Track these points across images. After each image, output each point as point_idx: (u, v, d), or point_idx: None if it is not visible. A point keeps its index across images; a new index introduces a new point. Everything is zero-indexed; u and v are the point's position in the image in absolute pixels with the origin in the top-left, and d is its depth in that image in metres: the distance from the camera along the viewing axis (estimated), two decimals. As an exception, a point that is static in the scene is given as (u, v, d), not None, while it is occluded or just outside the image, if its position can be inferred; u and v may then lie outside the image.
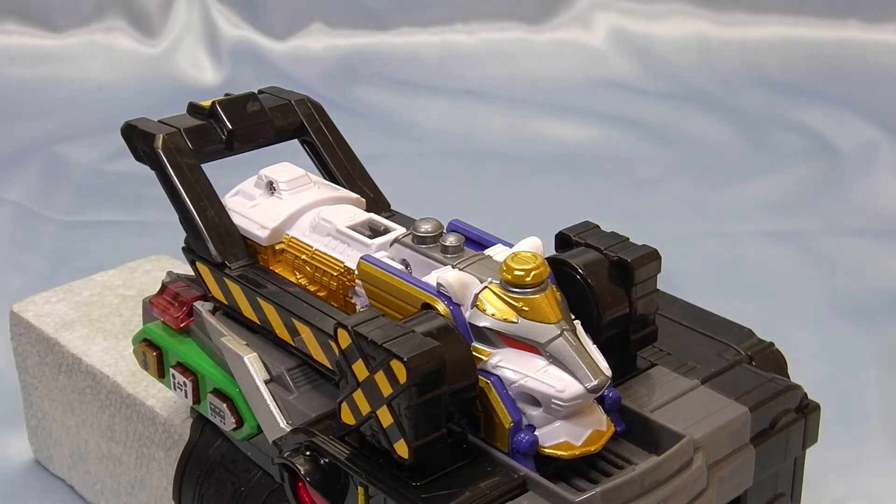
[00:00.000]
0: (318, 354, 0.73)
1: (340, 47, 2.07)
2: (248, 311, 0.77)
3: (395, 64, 2.05)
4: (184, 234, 0.81)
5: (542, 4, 2.11)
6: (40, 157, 1.71)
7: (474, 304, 0.66)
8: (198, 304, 0.81)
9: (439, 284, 0.67)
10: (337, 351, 0.65)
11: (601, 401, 0.68)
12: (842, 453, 1.08)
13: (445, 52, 2.08)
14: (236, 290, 0.78)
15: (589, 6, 2.12)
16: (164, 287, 0.83)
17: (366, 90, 1.97)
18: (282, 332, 0.75)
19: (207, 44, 2.06)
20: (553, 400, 0.64)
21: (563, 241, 0.74)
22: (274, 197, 0.81)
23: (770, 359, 0.77)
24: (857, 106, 1.87)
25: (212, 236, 0.79)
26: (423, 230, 0.73)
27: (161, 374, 0.83)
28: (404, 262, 0.73)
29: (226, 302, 0.79)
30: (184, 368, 0.80)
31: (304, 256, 0.78)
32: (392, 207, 0.86)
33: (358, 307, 0.74)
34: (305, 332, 0.73)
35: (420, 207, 0.87)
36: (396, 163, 1.67)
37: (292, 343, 0.75)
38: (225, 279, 0.78)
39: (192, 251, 0.81)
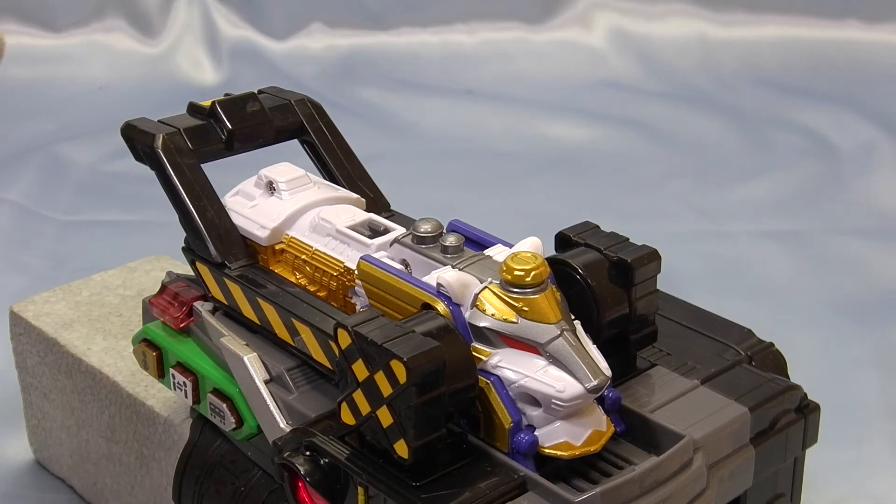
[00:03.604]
0: (318, 354, 0.73)
1: (340, 47, 2.07)
2: (247, 312, 0.77)
3: (395, 64, 2.05)
4: (184, 234, 0.81)
5: (542, 4, 2.11)
6: (40, 157, 1.71)
7: (474, 305, 0.66)
8: (197, 304, 0.81)
9: (439, 284, 0.67)
10: (337, 351, 0.65)
11: (601, 401, 0.68)
12: (842, 453, 1.08)
13: (445, 52, 2.07)
14: (236, 290, 0.78)
15: (589, 6, 2.11)
16: (163, 287, 0.83)
17: (366, 90, 1.97)
18: (282, 332, 0.75)
19: (207, 44, 2.06)
20: (553, 400, 0.64)
21: (563, 241, 0.74)
22: (274, 197, 0.81)
23: (770, 359, 0.77)
24: (857, 106, 1.87)
25: (212, 236, 0.79)
26: (422, 230, 0.73)
27: (161, 374, 0.83)
28: (404, 263, 0.73)
29: (226, 302, 0.79)
30: (183, 368, 0.80)
31: (303, 256, 0.78)
32: (392, 207, 0.86)
33: (358, 307, 0.74)
34: (305, 332, 0.73)
35: (420, 207, 0.87)
36: (396, 163, 1.67)
37: (292, 343, 0.75)
38: (225, 279, 0.78)
39: (192, 251, 0.81)
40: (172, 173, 0.80)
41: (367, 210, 0.81)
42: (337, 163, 0.87)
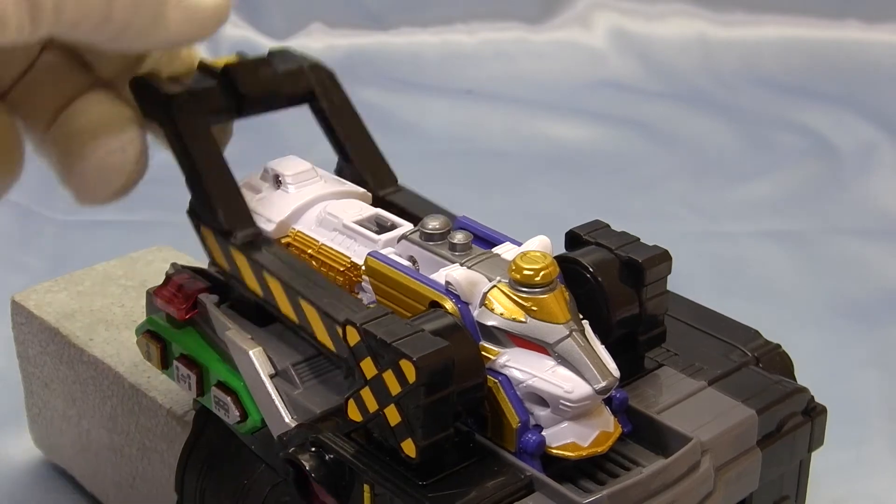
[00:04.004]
0: (322, 335, 0.71)
1: (340, 47, 2.07)
2: (252, 283, 0.76)
3: (395, 64, 2.04)
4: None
5: (542, 4, 2.11)
6: (40, 156, 1.70)
7: (483, 303, 0.66)
8: (202, 297, 0.80)
9: (448, 283, 0.67)
10: (346, 347, 0.65)
11: (608, 401, 0.68)
12: (842, 453, 1.08)
13: (445, 52, 2.07)
14: (241, 260, 0.76)
15: (589, 6, 2.11)
16: (168, 278, 0.82)
17: (366, 90, 1.96)
18: (285, 307, 0.74)
19: (207, 44, 2.05)
20: (561, 400, 0.64)
21: (574, 239, 0.74)
22: (280, 190, 0.80)
23: (777, 360, 0.77)
24: (857, 106, 1.87)
25: (220, 199, 0.76)
26: (431, 227, 0.72)
27: (164, 366, 0.82)
28: (412, 259, 0.73)
29: (228, 269, 0.77)
30: (188, 360, 0.79)
31: (310, 251, 0.77)
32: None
33: (364, 302, 0.74)
34: (310, 311, 0.72)
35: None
36: (396, 163, 1.65)
37: (295, 319, 0.74)
38: (231, 248, 0.76)
39: (198, 215, 0.79)
40: (182, 132, 0.77)
41: (375, 183, 0.80)
42: (345, 131, 0.85)
